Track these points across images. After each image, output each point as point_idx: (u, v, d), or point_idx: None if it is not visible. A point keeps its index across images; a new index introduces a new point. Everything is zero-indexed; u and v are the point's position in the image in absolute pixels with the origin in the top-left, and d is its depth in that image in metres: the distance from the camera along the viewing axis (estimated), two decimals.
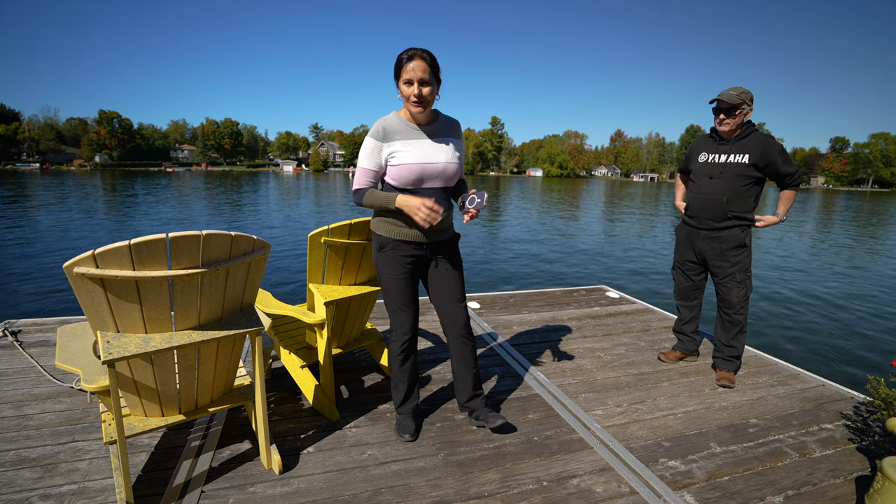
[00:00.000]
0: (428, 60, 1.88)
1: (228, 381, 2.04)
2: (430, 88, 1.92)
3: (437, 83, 1.96)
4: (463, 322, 2.23)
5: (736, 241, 2.80)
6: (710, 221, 2.86)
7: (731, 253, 2.82)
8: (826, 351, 5.94)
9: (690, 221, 2.99)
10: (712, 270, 2.93)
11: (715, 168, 2.83)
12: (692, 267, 3.05)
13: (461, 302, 2.23)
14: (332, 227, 2.22)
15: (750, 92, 2.70)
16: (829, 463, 2.18)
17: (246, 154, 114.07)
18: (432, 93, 1.93)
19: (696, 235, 2.94)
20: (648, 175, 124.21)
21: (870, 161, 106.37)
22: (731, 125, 2.74)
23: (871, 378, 2.34)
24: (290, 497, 1.81)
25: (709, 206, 2.85)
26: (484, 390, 2.37)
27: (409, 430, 2.23)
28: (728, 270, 2.84)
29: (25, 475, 1.85)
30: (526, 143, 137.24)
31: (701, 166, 2.91)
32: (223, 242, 1.61)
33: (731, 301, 2.86)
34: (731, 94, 2.68)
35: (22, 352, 2.97)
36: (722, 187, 2.80)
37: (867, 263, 12.31)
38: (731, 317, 2.89)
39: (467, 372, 2.28)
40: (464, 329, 2.23)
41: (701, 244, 2.93)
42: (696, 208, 2.92)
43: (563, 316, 4.16)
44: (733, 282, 2.84)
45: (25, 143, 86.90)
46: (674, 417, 2.53)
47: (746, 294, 2.85)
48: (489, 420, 2.26)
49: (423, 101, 1.92)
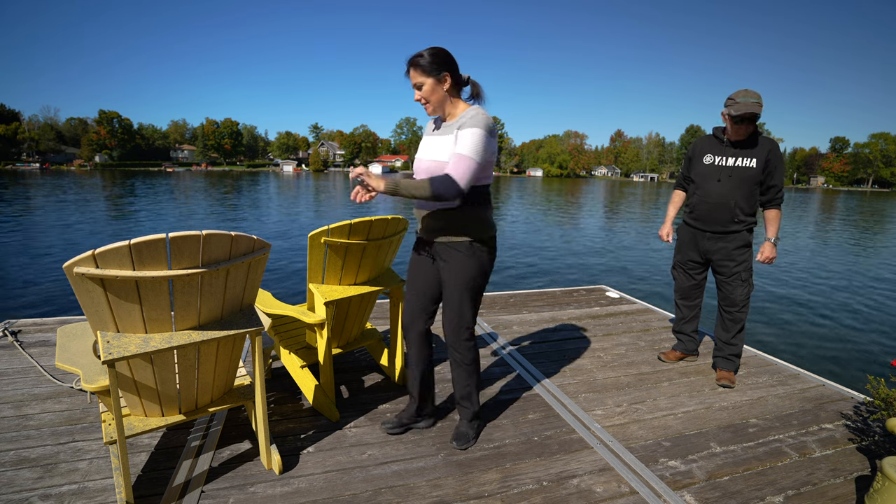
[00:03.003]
0: (418, 63, 1.90)
1: (228, 381, 2.04)
2: (427, 87, 1.92)
3: (437, 75, 1.90)
4: (450, 338, 2.17)
5: (743, 241, 2.81)
6: (717, 225, 2.83)
7: (737, 252, 2.82)
8: (826, 351, 5.94)
9: (696, 224, 2.94)
10: (717, 270, 2.92)
11: (723, 171, 2.79)
12: (694, 266, 3.05)
13: (451, 316, 2.12)
14: (332, 227, 2.22)
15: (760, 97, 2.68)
16: (829, 463, 2.18)
17: (246, 154, 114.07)
18: (431, 90, 1.92)
19: (702, 237, 2.92)
20: (648, 175, 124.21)
21: (870, 161, 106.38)
22: (745, 133, 2.71)
23: (871, 378, 2.34)
24: (290, 497, 1.81)
25: (717, 211, 2.81)
26: (472, 404, 2.22)
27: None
28: (734, 269, 2.84)
29: (25, 475, 1.85)
30: (526, 143, 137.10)
31: (707, 168, 2.86)
32: (223, 242, 1.61)
33: (735, 299, 2.86)
34: (754, 104, 2.61)
35: (22, 352, 2.97)
36: (729, 191, 2.76)
37: (867, 263, 12.31)
38: (732, 315, 2.90)
39: (455, 385, 2.27)
40: (451, 345, 2.18)
41: (707, 244, 2.91)
42: (703, 212, 2.88)
43: (563, 316, 4.16)
44: (738, 280, 2.84)
45: (25, 143, 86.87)
46: (674, 417, 2.53)
47: (749, 292, 2.87)
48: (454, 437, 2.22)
49: (425, 102, 1.97)
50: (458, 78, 1.97)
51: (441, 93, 1.94)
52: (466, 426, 2.23)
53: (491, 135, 1.88)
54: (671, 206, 3.16)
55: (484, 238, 2.01)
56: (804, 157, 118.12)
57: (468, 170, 1.83)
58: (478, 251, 2.01)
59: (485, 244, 2.02)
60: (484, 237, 2.01)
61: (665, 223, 3.16)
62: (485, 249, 2.03)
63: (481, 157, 1.86)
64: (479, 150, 1.84)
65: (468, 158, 1.83)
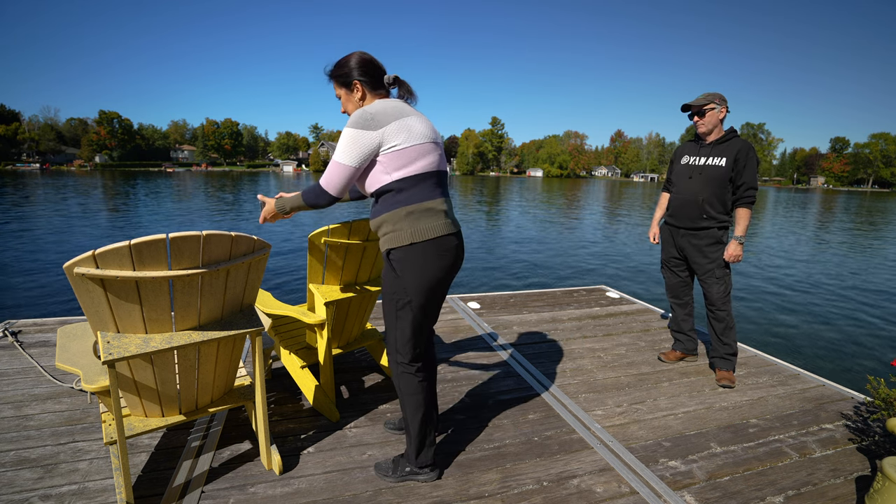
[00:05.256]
0: (330, 74, 1.87)
1: (229, 382, 2.04)
2: (343, 98, 1.88)
3: (349, 86, 1.83)
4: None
5: (714, 238, 2.89)
6: (687, 221, 2.95)
7: (709, 249, 2.90)
8: (826, 351, 5.94)
9: (671, 221, 3.10)
10: (693, 267, 3.02)
11: (694, 170, 2.94)
12: (677, 263, 3.14)
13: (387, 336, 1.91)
14: (333, 227, 2.22)
15: (718, 93, 2.88)
16: (829, 463, 2.18)
17: (246, 154, 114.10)
18: (346, 100, 1.87)
19: (677, 233, 3.05)
20: (648, 175, 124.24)
21: (870, 161, 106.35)
22: (705, 125, 2.89)
23: (871, 378, 2.34)
24: (290, 497, 1.81)
25: (686, 206, 2.94)
26: (408, 438, 1.94)
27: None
28: (707, 267, 2.91)
29: (25, 475, 1.85)
30: (526, 143, 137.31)
31: (682, 168, 3.03)
32: (223, 243, 1.61)
33: (713, 297, 2.93)
34: (699, 98, 2.89)
35: (22, 352, 2.97)
36: (699, 188, 2.89)
37: (867, 263, 12.31)
38: (714, 313, 2.96)
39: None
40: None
41: (681, 241, 3.03)
42: (675, 208, 3.03)
43: (564, 316, 4.16)
44: (713, 278, 2.91)
45: (25, 143, 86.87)
46: (674, 417, 2.53)
47: (727, 290, 2.91)
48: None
49: (345, 112, 1.91)
50: (375, 83, 1.82)
51: (355, 102, 1.84)
52: (392, 459, 2.01)
53: (366, 128, 1.65)
54: (658, 209, 3.28)
55: (400, 247, 1.72)
56: (804, 158, 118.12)
57: (334, 174, 1.71)
58: (396, 263, 1.74)
59: (405, 254, 1.72)
60: (400, 245, 1.71)
61: (652, 225, 3.28)
62: (405, 260, 1.72)
63: (351, 157, 1.68)
64: (346, 151, 1.68)
65: (334, 163, 1.71)
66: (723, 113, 2.86)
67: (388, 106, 1.72)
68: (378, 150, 1.69)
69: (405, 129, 1.69)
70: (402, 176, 1.71)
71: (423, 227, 1.71)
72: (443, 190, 1.82)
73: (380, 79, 1.84)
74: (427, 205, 1.73)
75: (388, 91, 1.87)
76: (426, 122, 1.80)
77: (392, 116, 1.69)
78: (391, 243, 1.74)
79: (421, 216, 1.72)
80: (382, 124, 1.67)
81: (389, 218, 1.73)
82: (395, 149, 1.68)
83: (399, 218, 1.72)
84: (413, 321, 1.80)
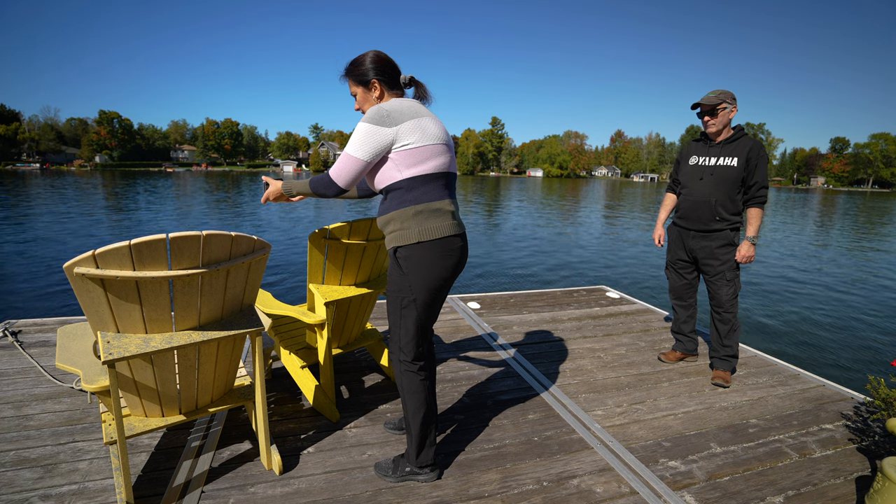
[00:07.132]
0: (349, 72, 1.87)
1: (229, 382, 2.04)
2: (359, 97, 1.88)
3: (366, 84, 1.84)
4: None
5: (726, 240, 2.85)
6: (699, 223, 2.90)
7: (720, 251, 2.86)
8: (826, 351, 5.94)
9: (680, 222, 3.04)
10: (703, 269, 2.98)
11: (705, 171, 2.88)
12: (684, 265, 3.10)
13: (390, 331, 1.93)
14: (333, 227, 2.22)
15: (730, 92, 2.79)
16: (829, 463, 2.18)
17: (246, 154, 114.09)
18: (363, 99, 1.88)
19: (687, 235, 3.00)
20: (648, 175, 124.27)
21: (870, 161, 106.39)
22: (716, 125, 2.82)
23: (871, 378, 2.34)
24: (290, 497, 1.81)
25: (698, 208, 2.89)
26: (409, 438, 1.93)
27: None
28: (718, 269, 2.88)
29: (25, 475, 1.85)
30: (526, 143, 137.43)
31: (691, 168, 2.97)
32: (223, 243, 1.61)
33: (721, 299, 2.89)
34: (710, 97, 2.79)
35: (22, 352, 2.97)
36: (711, 189, 2.84)
37: (867, 264, 12.30)
38: (721, 315, 2.93)
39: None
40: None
41: (691, 243, 2.98)
42: (686, 209, 2.97)
43: (564, 316, 4.16)
44: (723, 280, 2.87)
45: (25, 143, 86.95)
46: (674, 418, 2.53)
47: (735, 292, 2.89)
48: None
49: (359, 110, 1.92)
50: (391, 82, 1.85)
51: (372, 101, 1.85)
52: (392, 459, 2.00)
53: (381, 124, 1.67)
54: (662, 210, 3.23)
55: (407, 245, 1.74)
56: (804, 158, 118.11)
57: (345, 167, 1.72)
58: (403, 261, 1.76)
59: (412, 253, 1.74)
60: (407, 243, 1.74)
61: (657, 227, 3.23)
62: (412, 259, 1.74)
63: (364, 151, 1.69)
64: (359, 145, 1.69)
65: (346, 155, 1.72)
66: (733, 112, 2.81)
67: (404, 105, 1.75)
68: (391, 147, 1.71)
69: (419, 128, 1.71)
70: (413, 174, 1.73)
71: (430, 226, 1.73)
72: (451, 192, 1.85)
73: (396, 78, 1.87)
74: (436, 205, 1.75)
75: (403, 91, 1.90)
76: (440, 124, 1.82)
77: (407, 115, 1.71)
78: (398, 241, 1.76)
79: (429, 216, 1.74)
80: (397, 122, 1.69)
81: (398, 216, 1.75)
82: (407, 147, 1.70)
83: (407, 216, 1.74)
84: (416, 319, 1.83)
